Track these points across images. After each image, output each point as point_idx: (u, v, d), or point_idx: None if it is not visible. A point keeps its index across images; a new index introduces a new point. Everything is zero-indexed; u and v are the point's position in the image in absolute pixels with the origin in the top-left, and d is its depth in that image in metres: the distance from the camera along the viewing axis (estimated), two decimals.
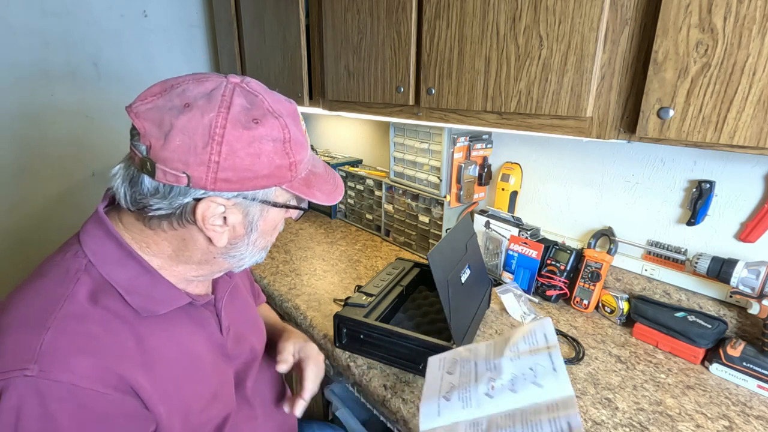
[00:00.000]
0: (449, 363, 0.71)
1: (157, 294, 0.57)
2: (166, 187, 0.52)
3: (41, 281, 0.54)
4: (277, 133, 0.53)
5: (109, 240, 0.56)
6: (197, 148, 0.50)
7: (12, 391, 0.45)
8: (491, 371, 0.66)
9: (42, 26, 1.89)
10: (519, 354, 0.65)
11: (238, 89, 0.53)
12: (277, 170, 0.54)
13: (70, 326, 0.49)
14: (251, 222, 0.58)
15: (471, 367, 0.68)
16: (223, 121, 0.50)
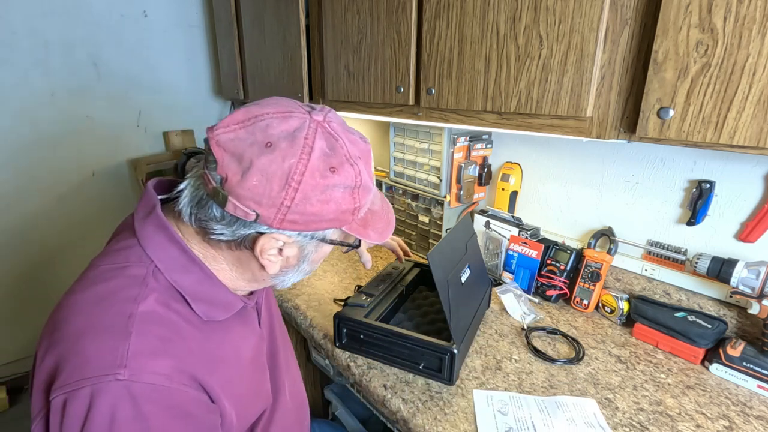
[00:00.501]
0: (498, 402, 0.82)
1: (217, 300, 0.59)
2: (233, 217, 0.53)
3: (105, 284, 0.54)
4: (350, 181, 0.54)
5: (172, 246, 0.57)
6: (272, 191, 0.50)
7: (105, 395, 0.46)
8: (544, 415, 0.78)
9: (42, 26, 1.89)
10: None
11: (320, 130, 0.53)
12: (341, 215, 0.55)
13: (149, 330, 0.51)
14: (305, 256, 0.60)
15: (525, 412, 0.79)
16: (303, 168, 0.50)
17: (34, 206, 2.05)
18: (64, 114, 2.02)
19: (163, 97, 2.27)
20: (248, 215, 0.51)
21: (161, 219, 0.57)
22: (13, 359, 2.16)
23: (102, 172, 2.20)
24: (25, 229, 2.05)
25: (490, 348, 1.00)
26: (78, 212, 2.17)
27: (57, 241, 2.14)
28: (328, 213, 0.53)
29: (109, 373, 0.47)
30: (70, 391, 0.46)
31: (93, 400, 0.46)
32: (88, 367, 0.47)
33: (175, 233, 0.57)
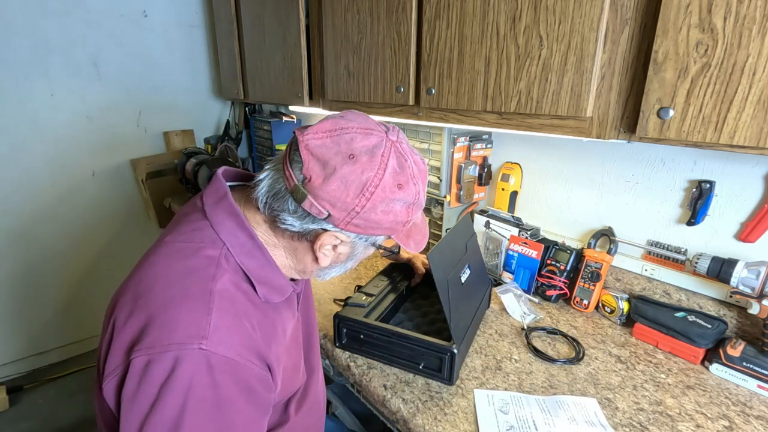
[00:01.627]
0: (499, 402, 0.82)
1: (275, 284, 0.65)
2: (305, 212, 0.59)
3: (187, 263, 0.59)
4: (411, 197, 0.60)
5: (241, 232, 0.62)
6: (348, 197, 0.57)
7: (189, 361, 0.51)
8: (545, 414, 0.78)
9: (42, 26, 1.89)
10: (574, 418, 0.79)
11: (393, 150, 0.59)
12: (395, 225, 0.61)
13: (226, 307, 0.56)
14: (354, 255, 0.67)
15: (526, 411, 0.80)
16: (377, 182, 0.57)
17: (34, 206, 2.05)
18: (64, 114, 2.02)
19: (163, 97, 2.27)
20: (321, 213, 0.58)
21: (233, 206, 0.63)
22: (13, 359, 2.16)
23: (102, 172, 2.20)
24: (25, 229, 2.05)
25: (490, 348, 1.00)
26: (78, 212, 2.17)
27: (57, 241, 2.15)
28: (386, 222, 0.60)
29: (195, 342, 0.52)
30: (156, 353, 0.51)
31: (177, 364, 0.51)
32: (175, 333, 0.52)
33: (244, 220, 0.63)
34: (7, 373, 2.16)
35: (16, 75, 1.88)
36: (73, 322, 2.28)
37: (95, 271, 2.28)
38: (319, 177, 0.56)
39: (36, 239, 2.09)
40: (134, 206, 2.34)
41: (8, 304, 2.09)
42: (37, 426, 1.90)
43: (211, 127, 2.53)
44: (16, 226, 2.03)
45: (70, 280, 2.23)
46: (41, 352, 2.23)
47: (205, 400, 0.52)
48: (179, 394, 0.51)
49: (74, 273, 2.23)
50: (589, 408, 0.81)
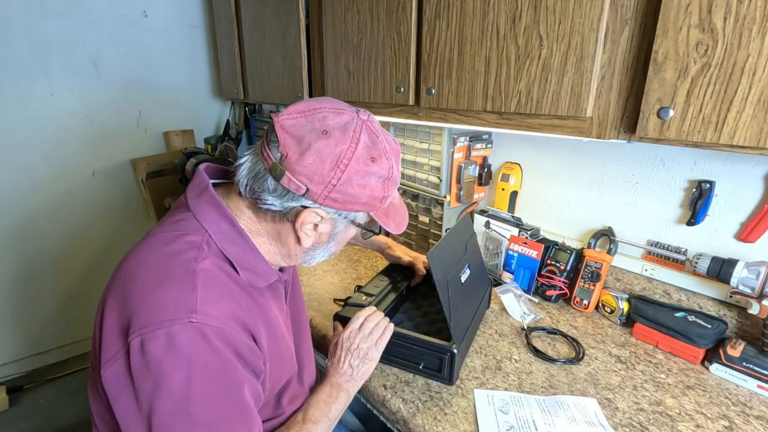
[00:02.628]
0: (499, 402, 0.82)
1: (259, 270, 0.67)
2: (285, 190, 0.61)
3: (169, 248, 0.61)
4: (385, 171, 0.63)
5: (223, 220, 0.64)
6: (324, 170, 0.59)
7: (184, 334, 0.54)
8: (545, 414, 0.79)
9: (42, 26, 1.89)
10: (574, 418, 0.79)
11: (365, 126, 0.62)
12: (372, 200, 0.64)
13: (210, 283, 0.59)
14: (335, 234, 0.68)
15: (526, 411, 0.80)
16: (351, 154, 0.60)
17: (34, 206, 2.05)
18: (64, 114, 2.02)
19: (163, 97, 2.27)
20: (299, 189, 0.60)
21: (214, 197, 0.66)
22: (13, 359, 2.16)
23: (102, 172, 2.20)
24: (25, 229, 2.05)
25: (490, 348, 1.00)
26: (78, 212, 2.17)
27: (57, 241, 2.14)
28: (363, 197, 0.62)
29: (184, 316, 0.54)
30: (149, 331, 0.53)
31: (172, 338, 0.53)
32: (165, 311, 0.54)
33: (226, 209, 0.65)
34: (7, 373, 2.16)
35: (16, 75, 1.88)
36: (72, 321, 2.28)
37: (95, 271, 2.28)
38: (295, 153, 0.59)
39: (36, 239, 2.09)
40: (134, 206, 2.34)
41: (8, 304, 2.09)
42: (37, 426, 1.90)
43: (211, 127, 2.53)
44: (15, 225, 2.03)
45: (70, 279, 2.23)
46: (41, 352, 2.23)
47: (208, 366, 0.55)
48: (181, 367, 0.53)
49: (74, 273, 2.23)
50: (589, 408, 0.81)
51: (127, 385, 0.54)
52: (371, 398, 0.89)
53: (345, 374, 0.81)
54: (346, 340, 0.83)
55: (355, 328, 0.84)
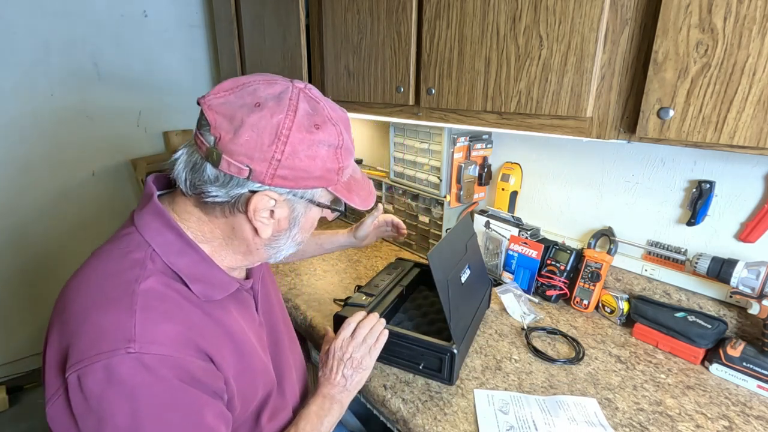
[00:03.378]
0: (499, 402, 0.82)
1: (213, 280, 0.62)
2: (227, 176, 0.56)
3: (105, 267, 0.57)
4: (334, 139, 0.58)
5: (168, 231, 0.60)
6: (263, 145, 0.54)
7: (121, 367, 0.49)
8: (545, 414, 0.78)
9: (42, 26, 1.89)
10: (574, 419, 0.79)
11: (302, 94, 0.57)
12: (327, 173, 0.58)
13: (152, 305, 0.54)
14: (295, 218, 0.62)
15: (526, 411, 0.79)
16: (290, 123, 0.55)
17: (34, 206, 2.05)
18: (64, 114, 2.02)
19: (163, 97, 2.27)
20: (242, 171, 0.55)
21: (158, 206, 0.61)
22: (13, 359, 2.16)
23: (102, 172, 2.20)
24: (25, 229, 2.05)
25: (490, 348, 1.00)
26: (78, 212, 2.17)
27: (57, 241, 2.14)
28: (314, 169, 0.57)
29: (121, 347, 0.49)
30: (85, 366, 0.49)
31: (109, 373, 0.49)
32: (99, 342, 0.50)
33: (171, 219, 0.60)
34: (7, 373, 2.16)
35: (16, 75, 1.88)
36: None
37: None
38: (228, 132, 0.54)
39: (36, 239, 2.09)
40: (134, 206, 2.32)
41: (8, 304, 2.09)
42: (37, 426, 1.90)
43: None
44: (15, 225, 2.03)
45: None
46: (41, 352, 2.23)
47: (156, 396, 0.51)
48: (125, 400, 0.49)
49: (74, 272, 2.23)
50: (589, 408, 0.81)
51: (70, 425, 0.50)
52: (371, 398, 0.89)
53: (338, 385, 0.77)
54: (338, 349, 0.79)
55: (347, 336, 0.81)
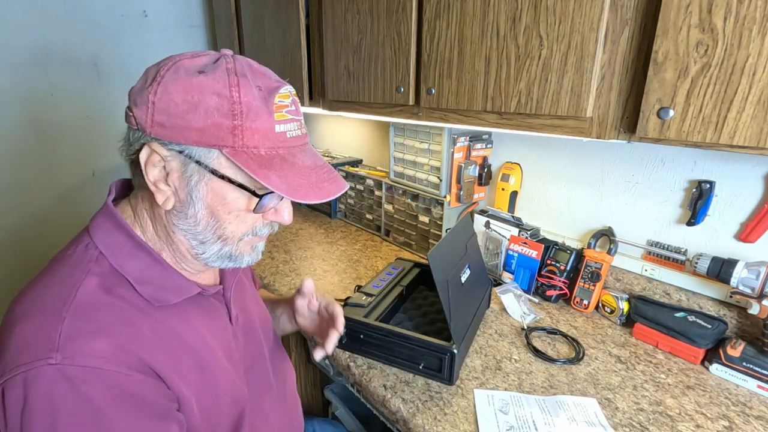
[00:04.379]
0: (499, 402, 0.81)
1: (167, 284, 0.58)
2: (129, 131, 0.55)
3: (51, 273, 0.55)
4: (221, 87, 0.51)
5: (118, 232, 0.57)
6: (144, 87, 0.52)
7: (40, 380, 0.46)
8: (546, 414, 0.77)
9: (42, 26, 1.89)
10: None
11: (224, 58, 0.55)
12: (213, 127, 0.51)
13: (87, 313, 0.50)
14: (191, 187, 0.54)
15: (526, 411, 0.79)
16: (171, 64, 0.53)
17: (33, 206, 2.05)
18: (64, 114, 2.02)
19: None
20: (129, 118, 0.54)
21: (110, 208, 0.59)
22: None
23: (102, 172, 2.20)
24: (25, 229, 2.05)
25: (490, 348, 1.00)
26: (78, 212, 2.17)
27: (57, 241, 2.13)
28: (195, 119, 0.51)
29: (41, 357, 0.46)
30: (8, 379, 0.46)
31: (27, 386, 0.46)
32: (21, 354, 0.47)
33: (121, 220, 0.57)
34: None
35: (16, 75, 1.88)
36: None
37: None
38: (134, 87, 0.54)
39: (36, 239, 2.09)
40: None
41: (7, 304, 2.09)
42: None
43: None
44: (15, 225, 2.03)
45: None
46: None
47: (76, 415, 0.46)
48: (43, 418, 0.46)
49: None
50: (589, 408, 0.81)
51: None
52: (371, 398, 0.89)
53: None
54: None
55: None
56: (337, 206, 1.90)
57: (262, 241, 0.65)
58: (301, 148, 0.58)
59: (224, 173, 0.54)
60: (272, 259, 1.47)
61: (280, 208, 0.60)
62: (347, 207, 1.85)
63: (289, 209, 0.61)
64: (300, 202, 0.54)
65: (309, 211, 2.01)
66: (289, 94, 0.57)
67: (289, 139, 0.56)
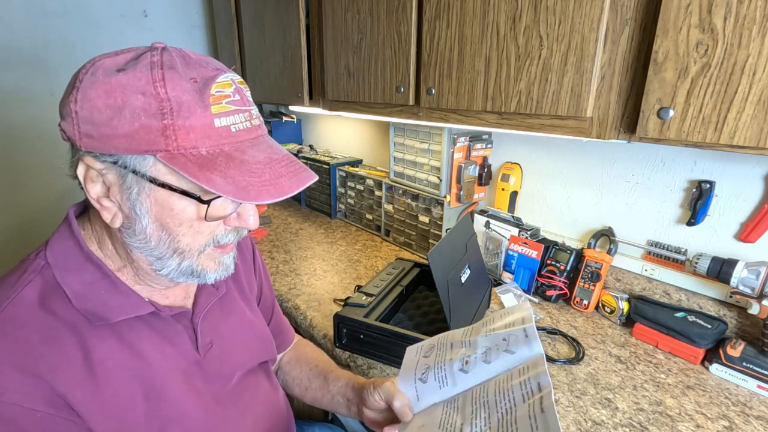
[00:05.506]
0: (426, 348, 0.68)
1: (111, 301, 0.53)
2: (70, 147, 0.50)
3: (0, 281, 0.53)
4: (145, 84, 0.45)
5: (71, 242, 0.54)
6: (66, 97, 0.47)
7: None
8: (466, 347, 0.63)
9: (42, 26, 1.89)
10: (494, 330, 0.61)
11: (150, 52, 0.48)
12: (141, 131, 0.45)
13: (5, 331, 0.47)
14: (133, 200, 0.49)
15: (446, 347, 0.65)
16: (91, 66, 0.47)
17: (33, 206, 2.05)
18: None
19: None
20: (60, 132, 0.49)
21: (68, 217, 0.55)
22: None
23: None
24: (25, 229, 2.05)
25: None
26: None
27: None
28: (122, 125, 0.45)
29: None
30: None
31: None
32: None
33: (75, 228, 0.54)
34: None
35: (16, 75, 1.88)
36: None
37: None
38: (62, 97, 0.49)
39: (36, 239, 2.09)
40: None
41: None
42: None
43: None
44: (15, 225, 2.03)
45: None
46: None
47: None
48: None
49: None
50: (516, 313, 0.64)
51: None
52: None
53: None
54: None
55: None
56: (337, 206, 1.90)
57: (227, 253, 0.58)
58: (252, 143, 0.51)
59: (164, 181, 0.48)
60: (272, 259, 1.47)
61: (242, 213, 0.54)
62: (347, 207, 1.85)
63: (254, 213, 0.55)
64: (252, 203, 0.49)
65: (309, 211, 2.01)
66: (231, 83, 0.51)
67: (236, 134, 0.49)
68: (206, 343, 0.63)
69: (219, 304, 0.68)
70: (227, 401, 0.65)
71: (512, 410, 0.48)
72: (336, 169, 1.85)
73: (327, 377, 0.79)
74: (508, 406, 0.49)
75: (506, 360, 0.56)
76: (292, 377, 0.85)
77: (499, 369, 0.56)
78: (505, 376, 0.54)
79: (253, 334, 0.74)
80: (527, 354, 0.55)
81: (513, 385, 0.51)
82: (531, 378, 0.50)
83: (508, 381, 0.53)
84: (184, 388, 0.58)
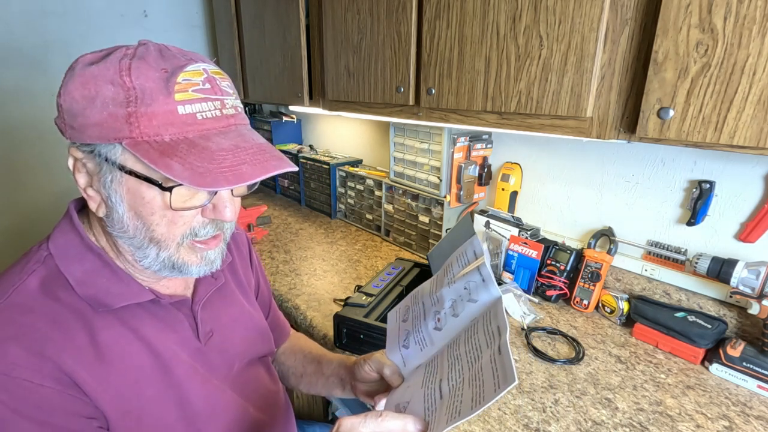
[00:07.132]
0: (403, 311, 0.70)
1: (113, 288, 0.55)
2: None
3: (3, 272, 0.55)
4: (113, 74, 0.47)
5: (72, 233, 0.56)
6: (58, 96, 0.51)
7: None
8: (435, 304, 0.63)
9: (41, 26, 1.89)
10: (454, 279, 0.62)
11: (125, 46, 0.50)
12: (109, 119, 0.47)
13: (11, 316, 0.49)
14: (108, 188, 0.51)
15: (419, 307, 0.66)
16: (74, 62, 0.51)
17: (33, 206, 2.05)
18: None
19: None
20: (57, 128, 0.53)
21: (69, 211, 0.58)
22: None
23: None
24: (24, 229, 2.05)
25: None
26: None
27: None
28: (94, 114, 0.47)
29: None
30: None
31: None
32: None
33: (76, 220, 0.56)
34: None
35: (16, 75, 1.88)
36: None
37: None
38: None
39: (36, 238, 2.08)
40: None
41: None
42: None
43: None
44: (15, 225, 2.03)
45: None
46: None
47: None
48: None
49: None
50: (468, 251, 0.64)
51: None
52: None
53: None
54: None
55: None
56: (337, 206, 1.90)
57: (212, 248, 0.57)
58: (220, 131, 0.51)
59: (132, 168, 0.49)
60: (272, 259, 1.47)
61: (218, 203, 0.53)
62: (347, 207, 1.85)
63: (231, 204, 0.53)
64: (208, 190, 0.48)
65: (309, 211, 2.01)
66: (203, 72, 0.51)
67: (202, 122, 0.49)
68: (207, 332, 0.65)
69: (219, 296, 0.69)
70: (230, 389, 0.67)
71: (479, 358, 0.49)
72: (336, 169, 1.85)
73: (320, 361, 0.82)
74: (476, 354, 0.51)
75: (471, 309, 0.58)
76: (287, 366, 0.88)
77: (467, 320, 0.58)
78: (472, 325, 0.56)
79: (252, 325, 0.75)
80: (486, 299, 0.57)
81: (479, 334, 0.53)
82: (491, 324, 0.52)
83: (475, 331, 0.54)
84: (189, 373, 0.60)
